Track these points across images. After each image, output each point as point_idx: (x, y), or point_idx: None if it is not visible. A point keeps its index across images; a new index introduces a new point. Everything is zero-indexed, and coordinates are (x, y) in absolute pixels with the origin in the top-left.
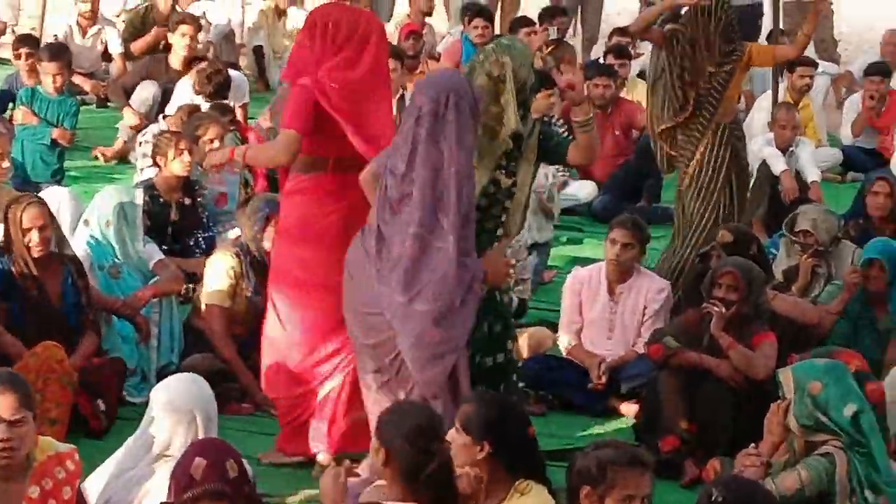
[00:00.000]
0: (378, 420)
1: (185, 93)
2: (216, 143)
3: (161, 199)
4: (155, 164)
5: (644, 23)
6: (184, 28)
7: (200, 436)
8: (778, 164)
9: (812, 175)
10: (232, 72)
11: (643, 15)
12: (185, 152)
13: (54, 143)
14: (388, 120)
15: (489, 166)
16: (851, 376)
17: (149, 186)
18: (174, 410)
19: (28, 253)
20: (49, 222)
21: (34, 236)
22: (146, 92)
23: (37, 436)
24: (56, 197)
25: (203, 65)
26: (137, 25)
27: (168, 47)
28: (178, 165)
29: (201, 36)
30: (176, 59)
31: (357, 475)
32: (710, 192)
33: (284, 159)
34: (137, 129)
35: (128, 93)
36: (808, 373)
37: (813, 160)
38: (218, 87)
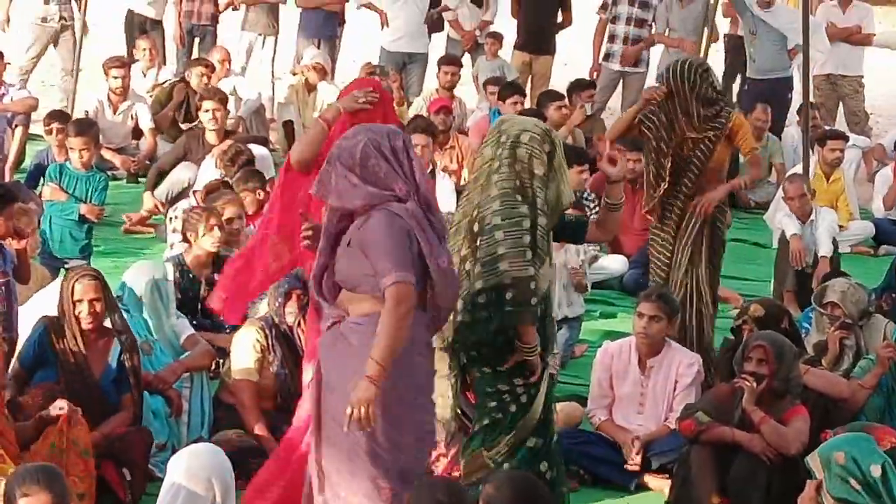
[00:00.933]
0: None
1: (211, 168)
2: (235, 222)
3: (191, 275)
4: (185, 239)
5: (618, 132)
6: (207, 104)
7: None
8: (790, 228)
9: (823, 249)
10: (255, 147)
11: (616, 125)
12: (216, 228)
13: (83, 218)
14: None
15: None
16: (871, 440)
17: (179, 262)
18: (193, 479)
19: (77, 325)
20: (101, 296)
21: (84, 308)
22: (183, 174)
23: None
24: None
25: (224, 145)
26: (164, 102)
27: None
28: (208, 241)
29: (231, 111)
30: (210, 135)
31: None
32: (690, 265)
33: None
34: (154, 214)
35: (163, 174)
36: (831, 448)
37: (829, 233)
38: (243, 167)
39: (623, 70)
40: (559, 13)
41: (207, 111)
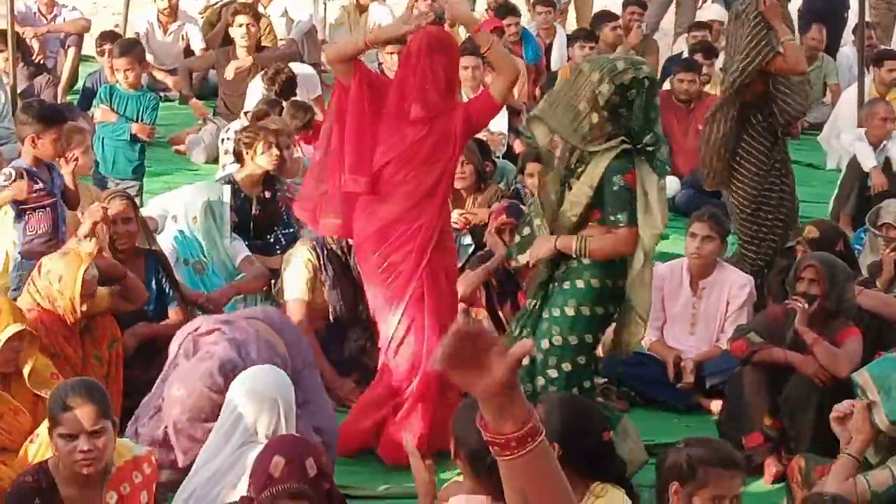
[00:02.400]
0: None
1: (258, 89)
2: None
3: (242, 194)
4: (238, 159)
5: None
6: (241, 19)
7: (282, 424)
8: (868, 160)
9: None
10: (299, 66)
11: None
12: (273, 146)
13: (134, 138)
14: None
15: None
16: None
17: (229, 182)
18: (257, 398)
19: (112, 245)
20: (134, 216)
21: (119, 229)
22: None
23: (114, 440)
24: None
25: (266, 66)
26: (214, 23)
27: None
28: (265, 159)
29: (282, 32)
30: (241, 51)
31: None
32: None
33: None
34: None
35: (191, 82)
36: (884, 368)
37: None
38: (284, 86)
39: None
40: None
41: (241, 25)
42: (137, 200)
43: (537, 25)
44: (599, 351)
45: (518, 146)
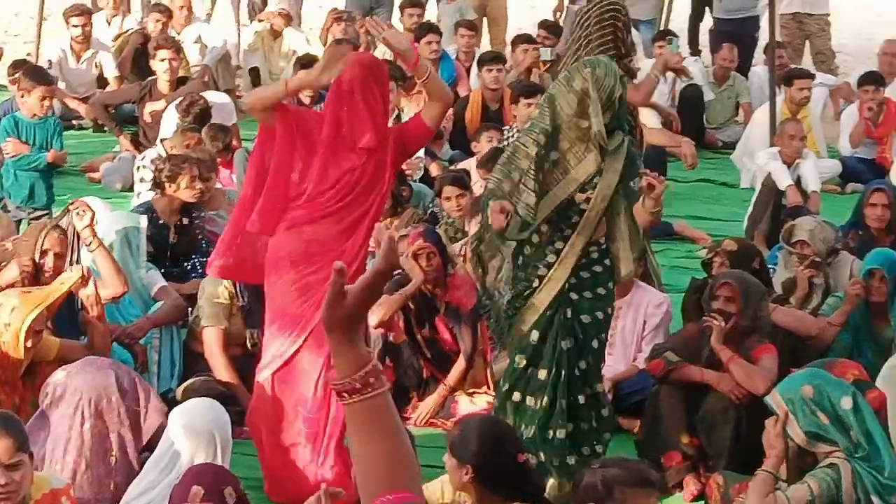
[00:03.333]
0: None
1: (174, 118)
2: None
3: (160, 221)
4: (157, 186)
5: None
6: (163, 53)
7: (219, 458)
8: (783, 179)
9: (813, 185)
10: (214, 94)
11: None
12: (197, 179)
13: (51, 166)
14: None
15: (577, 180)
16: (831, 375)
17: (148, 209)
18: (194, 433)
19: (34, 278)
20: (64, 251)
21: (49, 261)
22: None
23: (32, 473)
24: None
25: (181, 97)
26: (126, 49)
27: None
28: (188, 193)
29: (195, 59)
30: (163, 85)
31: None
32: None
33: None
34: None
35: (109, 112)
36: (793, 383)
37: (816, 171)
38: (198, 116)
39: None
40: None
41: (163, 60)
42: None
43: (458, 49)
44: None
45: (434, 169)
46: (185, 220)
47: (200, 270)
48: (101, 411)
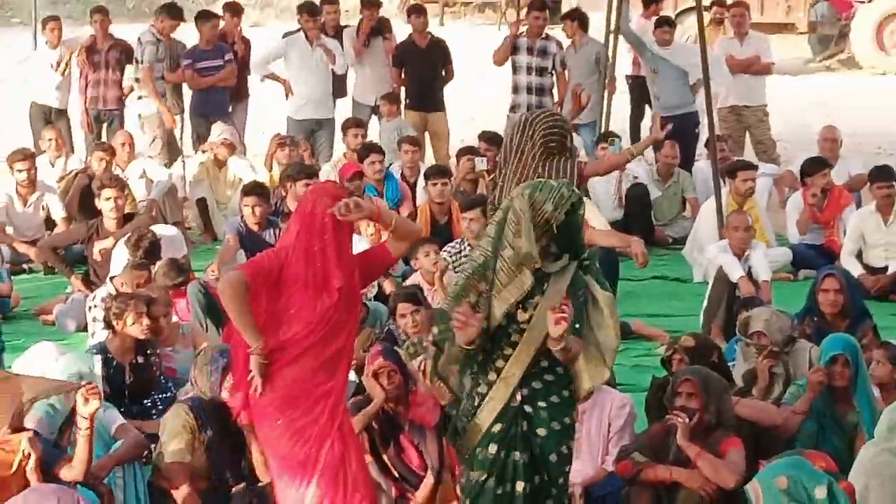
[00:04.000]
0: None
1: (124, 255)
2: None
3: (114, 363)
4: (109, 326)
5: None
6: (107, 192)
7: None
8: (735, 272)
9: (763, 275)
10: (163, 227)
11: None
12: (144, 316)
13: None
14: None
15: (508, 299)
16: (811, 463)
17: (101, 349)
18: None
19: None
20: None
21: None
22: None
23: None
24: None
25: (129, 233)
26: (72, 189)
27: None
28: (136, 329)
29: (142, 193)
30: (109, 223)
31: None
32: None
33: None
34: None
35: (58, 254)
36: (770, 474)
37: (766, 261)
38: (148, 251)
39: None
40: (442, 70)
41: (108, 199)
42: None
43: (402, 165)
44: None
45: (388, 286)
46: (140, 359)
47: (161, 407)
48: None
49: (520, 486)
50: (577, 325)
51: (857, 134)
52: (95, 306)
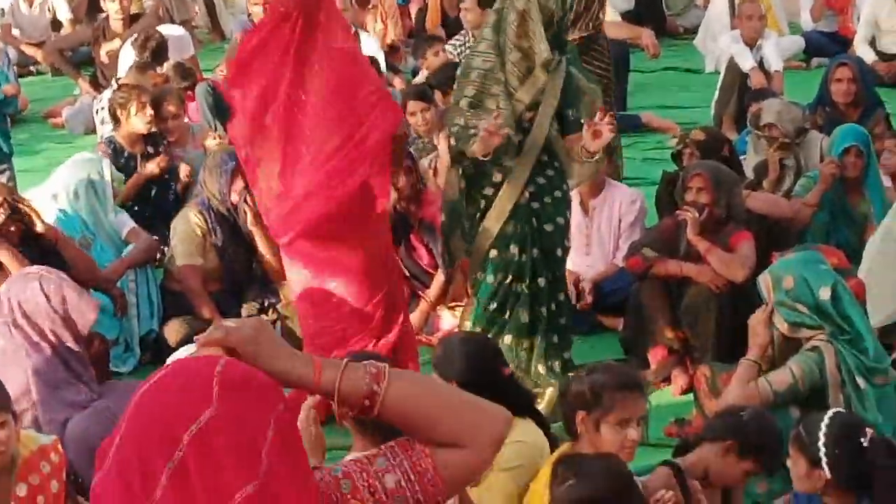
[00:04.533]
0: None
1: (130, 57)
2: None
3: (126, 153)
4: (114, 118)
5: None
6: None
7: None
8: (746, 62)
9: (775, 65)
10: (169, 27)
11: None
12: (147, 106)
13: (5, 101)
14: None
15: (524, 100)
16: (822, 260)
17: (111, 141)
18: None
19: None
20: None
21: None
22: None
23: (17, 432)
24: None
25: (136, 34)
26: None
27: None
28: (138, 122)
29: None
30: (115, 23)
31: None
32: None
33: None
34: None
35: (65, 56)
36: (780, 270)
37: (777, 51)
38: (155, 52)
39: None
40: None
41: (114, 1)
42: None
43: None
44: None
45: (398, 83)
46: (151, 149)
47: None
48: (29, 314)
49: (541, 281)
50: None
51: None
52: (103, 108)
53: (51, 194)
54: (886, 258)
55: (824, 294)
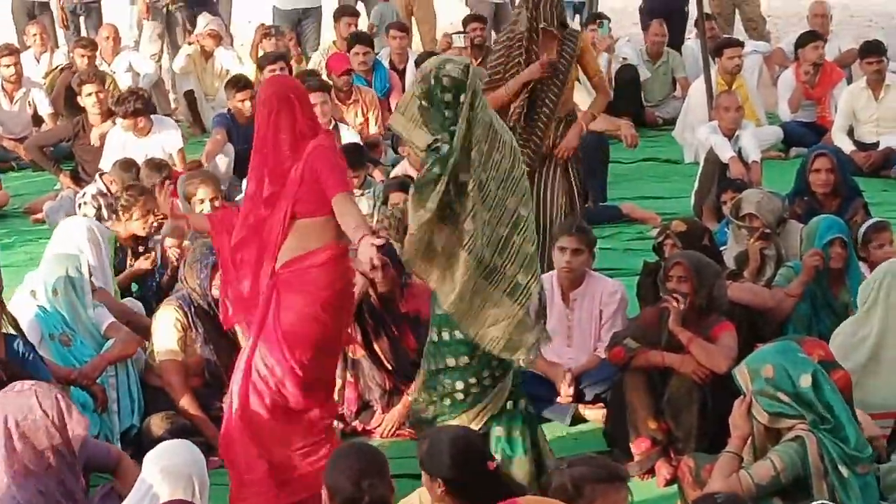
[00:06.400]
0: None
1: (114, 142)
2: (206, 204)
3: (117, 244)
4: (114, 214)
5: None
6: (87, 88)
7: (197, 501)
8: (725, 152)
9: (753, 155)
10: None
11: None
12: (151, 214)
13: None
14: None
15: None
16: (799, 349)
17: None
18: (173, 476)
19: None
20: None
21: None
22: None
23: None
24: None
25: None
26: (58, 85)
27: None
28: (138, 225)
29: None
30: (94, 118)
31: None
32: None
33: None
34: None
35: (45, 152)
36: (758, 360)
37: (755, 141)
38: (136, 109)
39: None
40: None
41: (90, 95)
42: None
43: (391, 51)
44: None
45: (378, 175)
46: (141, 248)
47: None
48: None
49: None
50: None
51: (848, 7)
52: (85, 203)
53: (29, 290)
54: None
55: (805, 382)
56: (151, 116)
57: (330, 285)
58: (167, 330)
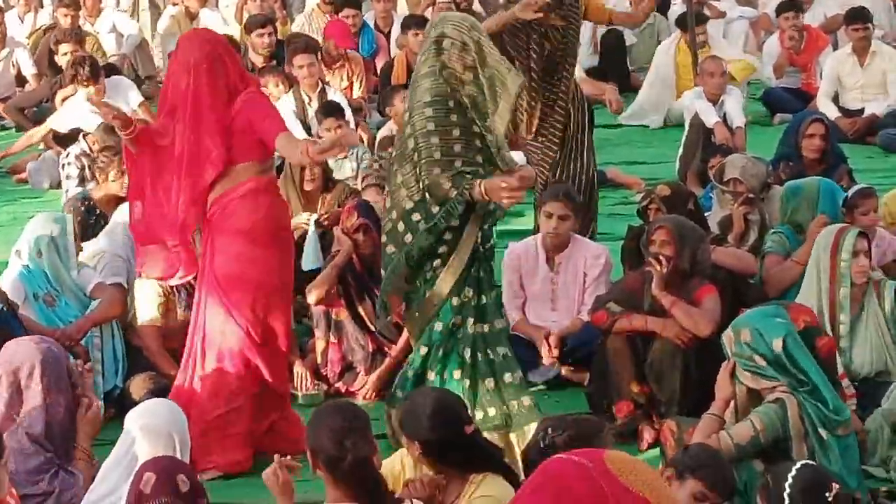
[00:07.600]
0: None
1: (78, 106)
2: None
3: (97, 211)
4: (94, 178)
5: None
6: (64, 48)
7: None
8: (710, 117)
9: (738, 121)
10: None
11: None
12: (125, 173)
13: None
14: None
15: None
16: (779, 314)
17: (85, 198)
18: (153, 435)
19: None
20: None
21: None
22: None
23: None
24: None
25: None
26: (41, 45)
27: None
28: (116, 186)
29: (112, 48)
30: (69, 77)
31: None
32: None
33: None
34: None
35: (25, 114)
36: (740, 324)
37: (740, 107)
38: (88, 76)
39: None
40: None
41: (65, 54)
42: None
43: (375, 15)
44: None
45: (363, 133)
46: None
47: None
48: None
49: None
50: None
51: None
52: (69, 163)
53: (14, 250)
54: None
55: (777, 346)
56: (105, 80)
57: (252, 213)
58: (148, 296)
